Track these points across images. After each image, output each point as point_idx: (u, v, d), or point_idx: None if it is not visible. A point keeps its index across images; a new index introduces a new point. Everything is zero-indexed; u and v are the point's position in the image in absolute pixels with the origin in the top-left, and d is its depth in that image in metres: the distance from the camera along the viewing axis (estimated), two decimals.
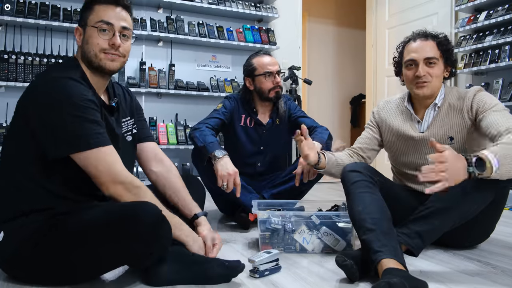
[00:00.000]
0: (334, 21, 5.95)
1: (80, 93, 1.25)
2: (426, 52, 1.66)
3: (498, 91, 3.13)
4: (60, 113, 1.22)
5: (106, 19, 1.33)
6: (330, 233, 1.69)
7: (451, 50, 1.72)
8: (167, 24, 3.22)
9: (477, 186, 1.45)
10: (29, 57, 2.74)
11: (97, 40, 1.33)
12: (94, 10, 1.35)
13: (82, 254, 1.19)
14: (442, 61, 1.69)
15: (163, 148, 3.13)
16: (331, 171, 1.79)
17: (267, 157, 2.36)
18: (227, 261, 1.33)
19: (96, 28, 1.33)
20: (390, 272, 1.21)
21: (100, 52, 1.33)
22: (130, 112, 1.55)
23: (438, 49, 1.68)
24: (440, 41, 1.69)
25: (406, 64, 1.72)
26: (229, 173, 1.85)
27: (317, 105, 5.77)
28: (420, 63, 1.66)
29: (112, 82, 1.52)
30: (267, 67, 2.26)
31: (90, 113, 1.25)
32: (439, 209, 1.46)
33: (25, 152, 1.27)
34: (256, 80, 2.29)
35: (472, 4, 3.32)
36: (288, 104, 2.40)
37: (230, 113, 2.31)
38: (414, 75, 1.68)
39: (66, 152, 1.24)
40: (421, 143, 1.74)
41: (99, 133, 1.25)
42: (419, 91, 1.68)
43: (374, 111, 1.94)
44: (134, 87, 3.05)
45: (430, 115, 1.74)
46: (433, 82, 1.67)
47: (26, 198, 1.27)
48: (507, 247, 1.81)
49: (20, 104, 1.30)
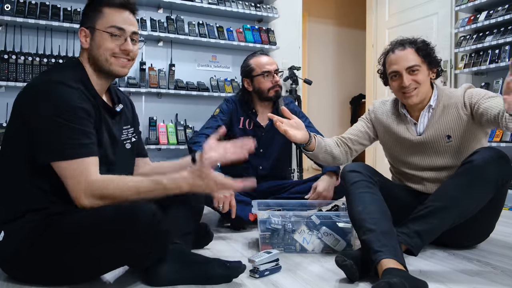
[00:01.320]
0: (334, 21, 5.95)
1: (70, 100, 1.23)
2: (406, 61, 1.66)
3: (498, 91, 3.13)
4: (46, 120, 1.21)
5: (119, 24, 1.35)
6: (330, 233, 1.69)
7: (432, 53, 1.71)
8: (167, 24, 3.22)
9: (476, 184, 1.46)
10: (29, 57, 2.73)
11: (109, 45, 1.34)
12: (104, 13, 1.35)
13: (79, 254, 1.19)
14: (426, 65, 1.69)
15: (163, 148, 3.14)
16: (318, 156, 1.76)
17: (269, 159, 2.34)
18: (228, 262, 1.33)
19: (108, 33, 1.34)
20: (390, 272, 1.21)
21: (111, 57, 1.35)
22: (132, 122, 1.57)
23: (418, 55, 1.67)
24: (419, 47, 1.68)
25: (390, 76, 1.73)
26: (225, 195, 1.89)
27: (317, 105, 5.77)
28: (403, 73, 1.66)
29: (116, 88, 1.53)
30: (265, 67, 2.26)
31: (76, 122, 1.23)
32: (438, 208, 1.46)
33: (20, 152, 1.27)
34: (254, 81, 2.28)
35: (472, 4, 3.32)
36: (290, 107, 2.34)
37: (228, 117, 2.30)
38: (400, 86, 1.68)
39: (45, 160, 1.23)
40: (419, 145, 1.74)
41: (81, 144, 1.22)
42: (409, 101, 1.68)
43: (370, 109, 1.93)
44: (134, 87, 3.05)
45: (426, 117, 1.74)
46: (421, 88, 1.67)
47: (22, 198, 1.27)
48: (507, 247, 1.81)
49: (16, 103, 1.30)
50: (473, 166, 1.48)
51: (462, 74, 3.52)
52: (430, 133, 1.72)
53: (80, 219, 1.21)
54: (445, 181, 1.55)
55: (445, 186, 1.53)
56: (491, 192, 1.50)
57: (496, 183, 1.48)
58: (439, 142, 1.70)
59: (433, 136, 1.71)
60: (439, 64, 1.74)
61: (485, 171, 1.46)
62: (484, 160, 1.47)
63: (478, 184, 1.46)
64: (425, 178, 1.76)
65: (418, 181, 1.79)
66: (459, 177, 1.51)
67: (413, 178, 1.81)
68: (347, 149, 1.85)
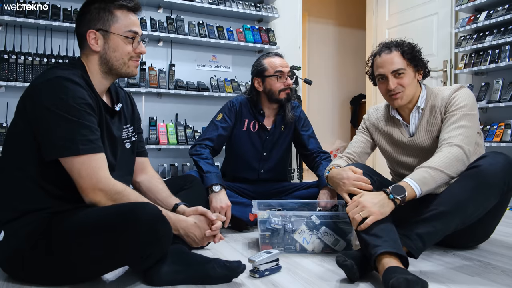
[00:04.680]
0: (334, 21, 5.95)
1: (78, 96, 1.24)
2: (392, 65, 1.68)
3: (498, 91, 3.13)
4: (55, 115, 1.21)
5: (134, 28, 1.38)
6: (330, 233, 1.69)
7: (418, 56, 1.73)
8: (167, 24, 3.22)
9: (481, 190, 1.44)
10: (29, 57, 2.73)
11: (127, 49, 1.37)
12: (117, 16, 1.36)
13: (79, 254, 1.19)
14: (411, 68, 1.71)
15: (163, 148, 3.14)
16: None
17: (271, 163, 2.33)
18: (228, 262, 1.33)
19: (126, 37, 1.36)
20: (395, 271, 1.21)
21: (129, 60, 1.39)
22: (131, 121, 1.57)
23: (403, 58, 1.69)
24: (404, 51, 1.70)
25: (377, 78, 1.76)
26: (222, 206, 1.95)
27: (317, 105, 5.77)
28: (389, 77, 1.69)
29: (115, 86, 1.53)
30: (278, 68, 2.21)
31: (85, 118, 1.25)
32: (442, 213, 1.44)
33: (25, 152, 1.27)
34: (266, 81, 2.23)
35: (472, 4, 3.32)
36: (297, 113, 2.35)
37: (232, 121, 2.27)
38: (386, 89, 1.72)
39: (55, 156, 1.23)
40: (411, 146, 1.77)
41: (90, 140, 1.24)
42: (395, 103, 1.72)
43: (365, 118, 1.97)
44: (134, 87, 3.05)
45: (416, 118, 1.76)
46: (406, 91, 1.70)
47: (23, 198, 1.27)
48: (507, 247, 1.82)
49: (21, 102, 1.29)
50: (479, 171, 1.45)
51: (462, 74, 3.52)
52: (420, 133, 1.73)
53: (81, 219, 1.21)
54: (450, 185, 1.52)
55: (450, 190, 1.50)
56: (497, 198, 1.48)
57: (502, 189, 1.46)
58: (430, 143, 1.71)
59: (424, 137, 1.73)
60: (425, 65, 1.76)
61: (492, 177, 1.44)
62: (491, 166, 1.45)
63: (484, 190, 1.44)
64: None
65: None
66: (465, 181, 1.47)
67: None
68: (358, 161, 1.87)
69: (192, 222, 1.43)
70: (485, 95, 3.25)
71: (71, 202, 1.29)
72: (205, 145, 2.20)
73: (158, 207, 1.25)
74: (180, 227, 1.40)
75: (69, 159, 1.22)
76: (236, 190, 2.25)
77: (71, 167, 1.23)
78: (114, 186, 1.26)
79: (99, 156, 1.26)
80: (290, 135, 2.36)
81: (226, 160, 2.48)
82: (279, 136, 2.32)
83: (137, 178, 1.63)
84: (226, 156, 2.48)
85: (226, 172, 2.40)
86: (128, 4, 1.37)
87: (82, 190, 1.24)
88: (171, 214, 1.39)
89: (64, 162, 1.23)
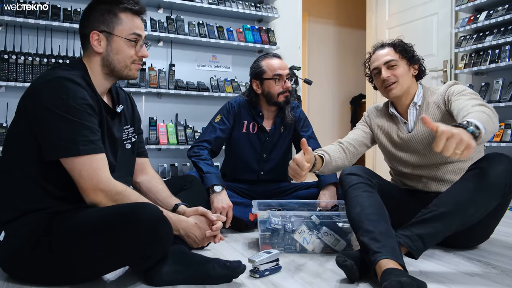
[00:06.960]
0: (334, 21, 5.95)
1: (79, 97, 1.24)
2: (384, 57, 1.78)
3: (498, 91, 3.13)
4: (56, 116, 1.21)
5: (138, 32, 1.38)
6: (330, 233, 1.70)
7: (409, 49, 1.80)
8: (167, 24, 3.22)
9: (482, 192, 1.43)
10: (29, 57, 2.73)
11: (130, 52, 1.38)
12: (121, 19, 1.36)
13: (80, 254, 1.19)
14: (405, 61, 1.77)
15: (163, 148, 3.14)
16: (324, 171, 1.76)
17: (271, 164, 2.32)
18: (228, 262, 1.33)
19: (130, 40, 1.36)
20: (391, 273, 1.21)
21: (131, 63, 1.39)
22: (132, 121, 1.57)
23: (395, 52, 1.78)
24: (395, 44, 1.80)
25: (373, 74, 1.83)
26: (223, 206, 1.95)
27: (317, 105, 5.77)
28: (382, 68, 1.76)
29: (116, 87, 1.53)
30: (277, 71, 2.16)
31: (86, 119, 1.25)
32: (443, 213, 1.43)
33: (25, 152, 1.27)
34: (264, 84, 2.19)
35: (472, 4, 3.32)
36: (296, 113, 2.33)
37: (230, 123, 2.25)
38: (381, 81, 1.77)
39: (55, 156, 1.23)
40: (410, 142, 1.78)
41: (91, 140, 1.25)
42: (389, 93, 1.77)
43: (365, 114, 1.99)
44: (134, 87, 3.05)
45: (413, 114, 1.79)
46: (400, 82, 1.75)
47: (23, 198, 1.27)
48: (507, 247, 1.82)
49: (21, 102, 1.29)
50: (481, 173, 1.45)
51: (462, 74, 3.52)
52: (419, 130, 1.75)
53: (81, 219, 1.21)
54: (451, 186, 1.52)
55: (451, 191, 1.50)
56: (498, 199, 1.47)
57: (504, 191, 1.45)
58: (429, 138, 1.72)
59: (422, 133, 1.74)
60: (419, 61, 1.81)
61: (493, 178, 1.43)
62: (493, 167, 1.44)
63: (485, 191, 1.43)
64: (423, 175, 1.77)
65: (416, 179, 1.80)
66: (466, 182, 1.47)
67: (411, 177, 1.82)
68: (354, 150, 1.86)
69: (192, 222, 1.43)
70: (485, 95, 3.25)
71: (72, 202, 1.29)
72: (203, 147, 2.19)
73: (159, 207, 1.26)
74: (181, 228, 1.40)
75: (69, 160, 1.22)
76: (236, 190, 2.25)
77: (72, 168, 1.23)
78: (114, 187, 1.26)
79: (99, 156, 1.26)
80: (290, 136, 2.36)
81: (225, 161, 2.47)
82: (279, 137, 2.31)
83: (137, 179, 1.63)
84: (225, 158, 2.48)
85: (226, 173, 2.39)
86: (134, 7, 1.37)
87: (82, 191, 1.24)
88: (172, 215, 1.39)
89: (64, 162, 1.23)
